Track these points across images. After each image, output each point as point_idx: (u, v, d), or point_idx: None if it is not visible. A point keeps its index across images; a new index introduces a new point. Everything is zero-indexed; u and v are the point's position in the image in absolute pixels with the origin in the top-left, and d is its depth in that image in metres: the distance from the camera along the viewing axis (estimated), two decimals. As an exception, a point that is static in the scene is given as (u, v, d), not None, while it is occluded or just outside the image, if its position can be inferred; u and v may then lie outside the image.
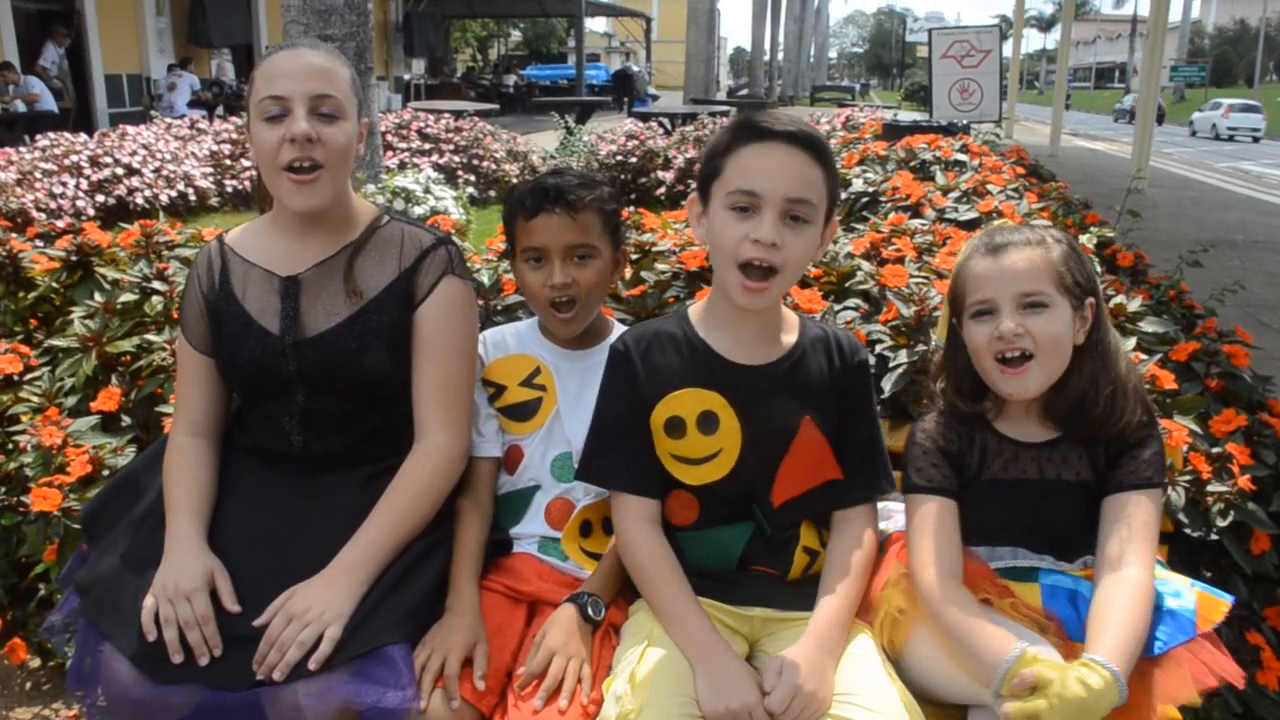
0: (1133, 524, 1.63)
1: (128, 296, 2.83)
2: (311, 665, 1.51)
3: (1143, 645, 1.51)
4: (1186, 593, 1.63)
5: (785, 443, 1.74)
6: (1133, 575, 1.57)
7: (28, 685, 2.51)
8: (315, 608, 1.57)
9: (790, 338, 1.78)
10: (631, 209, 3.08)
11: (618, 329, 2.04)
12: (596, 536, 1.90)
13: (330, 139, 1.75)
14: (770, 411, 1.73)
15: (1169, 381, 2.32)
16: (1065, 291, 1.65)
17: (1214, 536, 2.10)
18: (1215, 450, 2.20)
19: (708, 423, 1.73)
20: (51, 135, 9.51)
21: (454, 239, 1.92)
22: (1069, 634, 1.60)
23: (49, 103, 13.62)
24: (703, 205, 1.71)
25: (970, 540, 1.70)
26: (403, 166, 9.06)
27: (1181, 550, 2.11)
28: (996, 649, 1.48)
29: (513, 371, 1.96)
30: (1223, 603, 1.63)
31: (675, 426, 1.73)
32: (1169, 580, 1.67)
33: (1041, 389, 1.67)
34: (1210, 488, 2.11)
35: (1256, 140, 33.85)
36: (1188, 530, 2.08)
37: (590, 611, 1.69)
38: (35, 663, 2.55)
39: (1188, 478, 2.10)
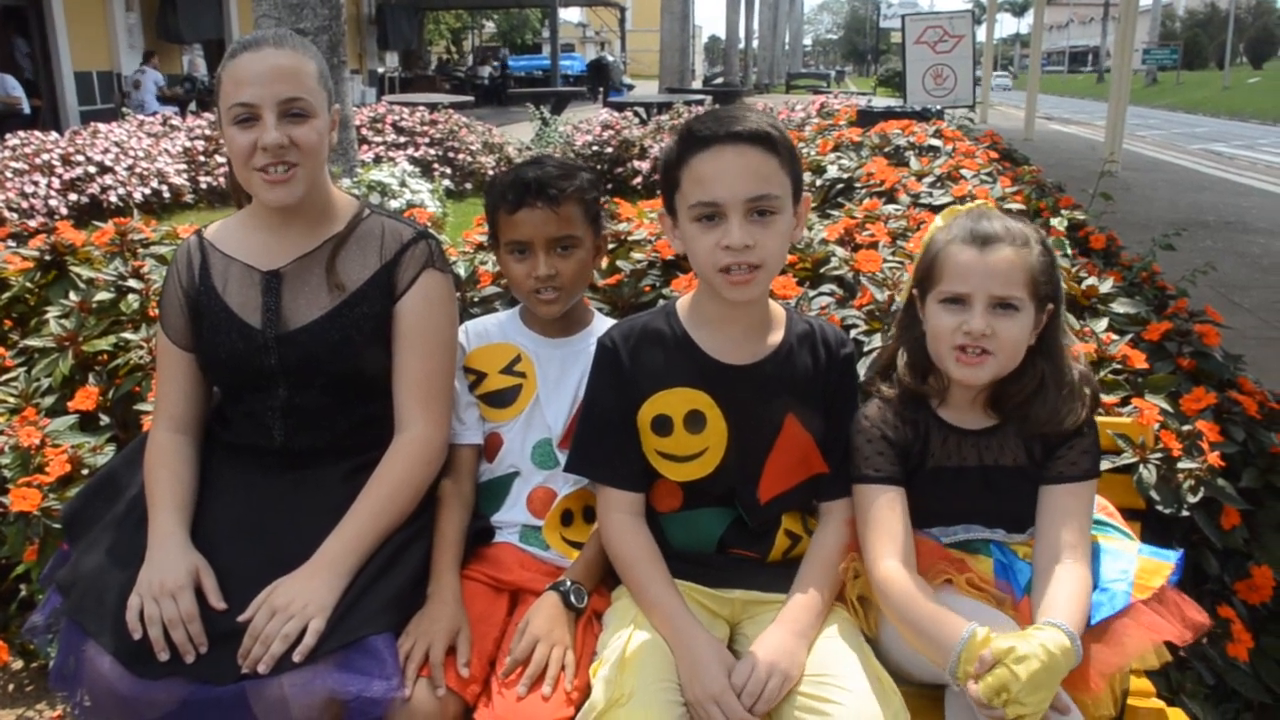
0: (1071, 517, 1.68)
1: (103, 295, 2.82)
2: (296, 657, 1.52)
3: (1085, 624, 1.56)
4: (1127, 566, 1.67)
5: (770, 440, 1.75)
6: (1073, 566, 1.62)
7: (10, 687, 2.50)
8: (298, 600, 1.57)
9: (777, 335, 1.78)
10: (608, 199, 3.09)
11: (598, 318, 2.06)
12: (578, 525, 1.92)
13: (303, 139, 1.76)
14: (756, 410, 1.74)
15: (1141, 361, 2.35)
16: (1034, 297, 1.66)
17: (1185, 513, 2.13)
18: (1186, 428, 2.23)
19: (695, 422, 1.74)
20: (21, 134, 9.42)
21: (433, 232, 1.93)
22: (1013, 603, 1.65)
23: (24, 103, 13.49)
24: (672, 219, 1.72)
25: (921, 524, 1.73)
26: (378, 160, 9.03)
27: (1154, 526, 2.14)
28: (951, 632, 1.51)
29: (493, 359, 1.98)
30: (1164, 565, 1.67)
31: (662, 425, 1.74)
32: (1113, 553, 1.70)
33: (992, 379, 1.69)
34: (1181, 465, 2.14)
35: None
36: (1159, 507, 2.11)
37: (573, 599, 1.71)
38: (18, 664, 2.55)
39: (1159, 455, 2.13)
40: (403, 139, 10.85)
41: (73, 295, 2.85)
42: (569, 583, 1.73)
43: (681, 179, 1.66)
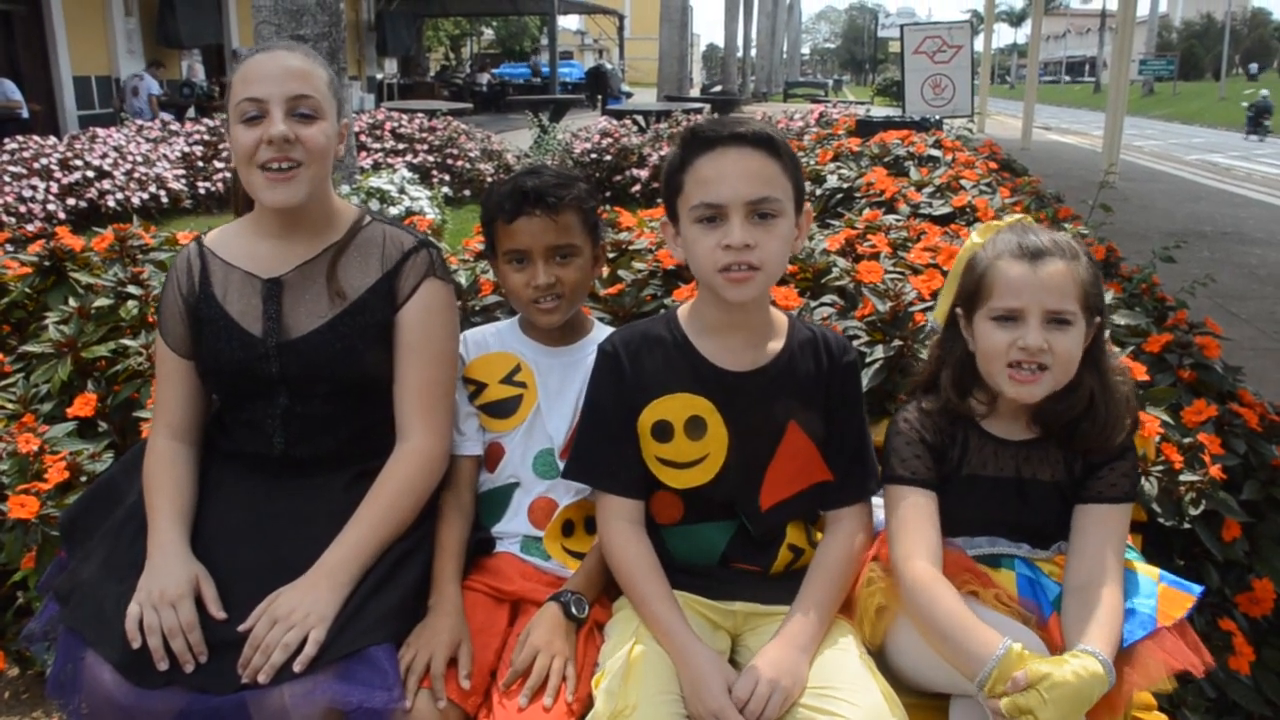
0: (1107, 538, 1.67)
1: (102, 301, 2.81)
2: (296, 667, 1.51)
3: (1117, 649, 1.55)
4: (1151, 589, 1.66)
5: (772, 447, 1.74)
6: (1107, 589, 1.60)
7: (6, 695, 2.49)
8: (299, 610, 1.56)
9: (778, 342, 1.78)
10: (607, 207, 3.09)
11: (598, 326, 2.06)
12: (579, 536, 1.91)
13: (310, 139, 1.75)
14: (757, 417, 1.74)
15: (1142, 373, 2.34)
16: (1086, 310, 1.64)
17: (1186, 525, 2.13)
18: (1187, 440, 2.23)
19: (695, 428, 1.73)
20: (20, 138, 9.42)
21: (434, 241, 1.93)
22: (1039, 620, 1.63)
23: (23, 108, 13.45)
24: (674, 226, 1.72)
25: (948, 532, 1.72)
26: (377, 167, 9.02)
27: (1155, 539, 2.14)
28: (984, 643, 1.49)
29: (493, 369, 1.97)
30: (1187, 596, 1.66)
31: (663, 431, 1.74)
32: (1138, 577, 1.69)
33: (1046, 395, 1.67)
34: (1182, 477, 2.14)
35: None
36: (1161, 520, 2.11)
37: (574, 610, 1.70)
38: (14, 672, 2.53)
39: (1160, 468, 2.13)
40: (401, 145, 10.87)
41: (72, 301, 2.85)
42: (570, 593, 1.73)
43: (685, 182, 1.66)
